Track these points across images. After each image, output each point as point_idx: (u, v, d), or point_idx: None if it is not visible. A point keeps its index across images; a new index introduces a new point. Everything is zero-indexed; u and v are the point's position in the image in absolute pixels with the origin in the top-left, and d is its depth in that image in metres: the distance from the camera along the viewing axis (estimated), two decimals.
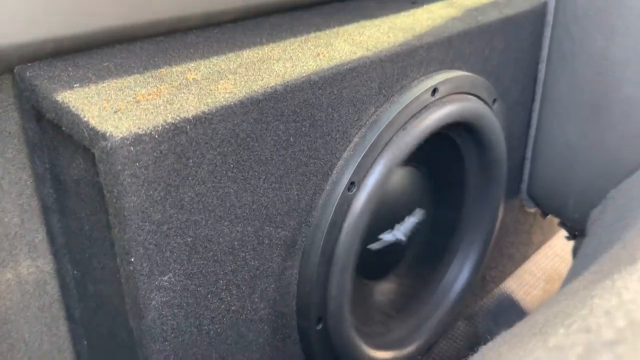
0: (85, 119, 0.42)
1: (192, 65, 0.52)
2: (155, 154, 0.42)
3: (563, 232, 0.98)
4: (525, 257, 1.07)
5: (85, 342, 0.60)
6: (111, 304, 0.52)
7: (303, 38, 0.60)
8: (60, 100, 0.45)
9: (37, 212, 0.55)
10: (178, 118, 0.43)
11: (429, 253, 0.85)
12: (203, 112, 0.45)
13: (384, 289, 0.82)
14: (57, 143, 0.49)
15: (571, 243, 0.97)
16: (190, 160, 0.45)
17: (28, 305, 0.57)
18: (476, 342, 0.95)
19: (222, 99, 0.46)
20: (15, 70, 0.49)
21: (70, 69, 0.49)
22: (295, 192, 0.55)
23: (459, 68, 0.68)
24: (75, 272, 0.56)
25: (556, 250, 1.14)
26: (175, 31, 0.58)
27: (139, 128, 0.41)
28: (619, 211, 0.68)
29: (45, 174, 0.52)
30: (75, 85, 0.47)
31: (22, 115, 0.51)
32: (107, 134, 0.40)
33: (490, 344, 0.45)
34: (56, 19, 0.48)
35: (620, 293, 0.26)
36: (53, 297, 0.58)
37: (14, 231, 0.54)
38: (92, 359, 0.60)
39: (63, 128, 0.45)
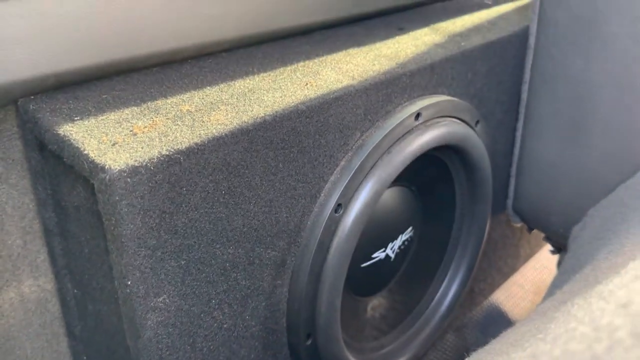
0: (85, 152, 0.45)
1: (187, 96, 0.55)
2: (150, 184, 0.45)
3: (549, 246, 1.01)
4: (513, 270, 1.10)
5: (85, 358, 0.62)
6: (109, 323, 0.55)
7: (292, 67, 0.63)
8: (62, 133, 0.47)
9: (39, 234, 0.58)
10: (172, 150, 0.46)
11: (420, 269, 0.88)
12: (195, 144, 0.48)
13: (377, 305, 0.85)
14: (59, 171, 0.52)
15: (557, 256, 1.00)
16: (184, 189, 0.48)
17: (30, 322, 0.60)
18: (465, 353, 0.97)
19: (214, 130, 0.49)
20: (18, 103, 0.52)
21: (70, 101, 0.52)
22: (285, 215, 0.58)
23: (442, 93, 0.72)
24: (75, 291, 0.59)
25: (544, 262, 1.17)
26: (172, 62, 0.62)
27: (136, 160, 0.44)
28: (596, 230, 0.71)
29: (47, 199, 0.55)
30: (75, 118, 0.50)
31: (25, 144, 0.54)
32: (106, 167, 0.43)
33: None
34: (57, 55, 0.51)
35: (568, 320, 0.29)
36: (54, 314, 0.61)
37: (17, 252, 0.57)
38: None
39: (64, 159, 0.48)
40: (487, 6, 0.91)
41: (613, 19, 0.74)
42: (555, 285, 0.68)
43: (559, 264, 0.98)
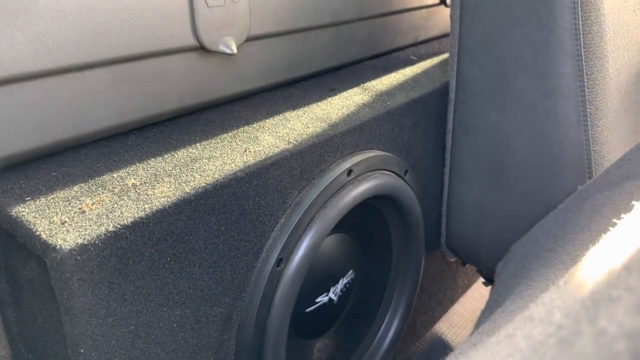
0: (37, 233, 0.49)
1: (132, 169, 0.60)
2: (99, 259, 0.49)
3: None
4: (452, 301, 1.17)
5: None
6: None
7: (232, 133, 0.69)
8: (14, 214, 0.51)
9: None
10: (118, 225, 0.51)
11: (362, 308, 0.94)
12: (140, 218, 0.52)
13: (323, 347, 0.90)
14: (12, 247, 0.55)
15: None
16: (130, 260, 0.52)
17: None
18: None
19: (158, 203, 0.54)
20: None
21: (22, 180, 0.56)
22: (229, 273, 0.63)
23: (372, 148, 0.78)
24: (30, 356, 0.62)
25: (482, 291, 1.25)
26: (117, 134, 0.66)
27: (84, 239, 0.48)
28: (515, 266, 0.78)
29: (1, 272, 0.58)
30: (27, 198, 0.53)
31: None
32: (57, 247, 0.47)
33: None
34: (7, 141, 0.55)
35: None
36: None
37: None
38: None
39: (17, 238, 0.51)
40: (412, 62, 0.99)
41: (521, 76, 0.83)
42: (481, 321, 0.75)
43: None
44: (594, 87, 0.80)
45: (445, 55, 1.03)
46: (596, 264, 0.36)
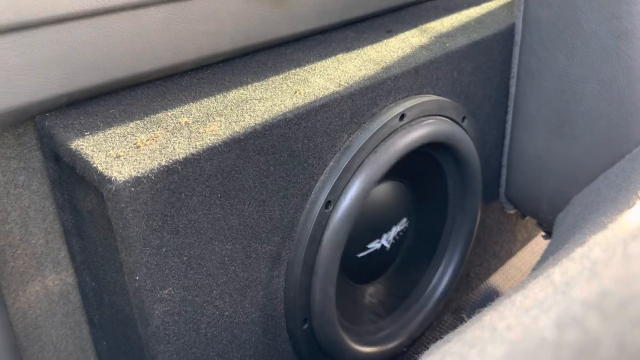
0: (94, 165, 0.51)
1: (185, 108, 0.61)
2: (152, 191, 0.51)
3: None
4: (509, 254, 1.14)
5: (105, 343, 0.69)
6: (123, 312, 0.61)
7: (284, 75, 0.68)
8: (74, 148, 0.54)
9: (60, 234, 0.65)
10: (171, 160, 0.52)
11: (415, 257, 0.93)
12: (192, 154, 0.54)
13: (374, 292, 0.91)
14: (73, 180, 0.58)
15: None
16: (183, 194, 0.54)
17: (54, 312, 0.67)
18: None
19: (209, 141, 0.55)
20: (36, 119, 0.59)
21: (81, 117, 0.58)
22: (278, 212, 0.64)
23: (428, 92, 0.76)
24: (93, 284, 0.66)
25: (542, 246, 1.21)
26: (173, 74, 0.67)
27: (138, 172, 0.50)
28: (575, 217, 0.75)
29: (65, 204, 0.62)
30: (86, 133, 0.56)
31: (43, 155, 0.60)
32: (113, 178, 0.50)
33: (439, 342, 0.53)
34: (69, 77, 0.57)
35: (494, 326, 0.33)
36: (76, 305, 0.68)
37: (40, 250, 0.64)
38: (111, 358, 0.70)
39: (77, 170, 0.54)
40: (477, 3, 0.94)
41: (592, 16, 0.77)
42: (533, 271, 0.73)
43: None
44: None
45: None
46: None
